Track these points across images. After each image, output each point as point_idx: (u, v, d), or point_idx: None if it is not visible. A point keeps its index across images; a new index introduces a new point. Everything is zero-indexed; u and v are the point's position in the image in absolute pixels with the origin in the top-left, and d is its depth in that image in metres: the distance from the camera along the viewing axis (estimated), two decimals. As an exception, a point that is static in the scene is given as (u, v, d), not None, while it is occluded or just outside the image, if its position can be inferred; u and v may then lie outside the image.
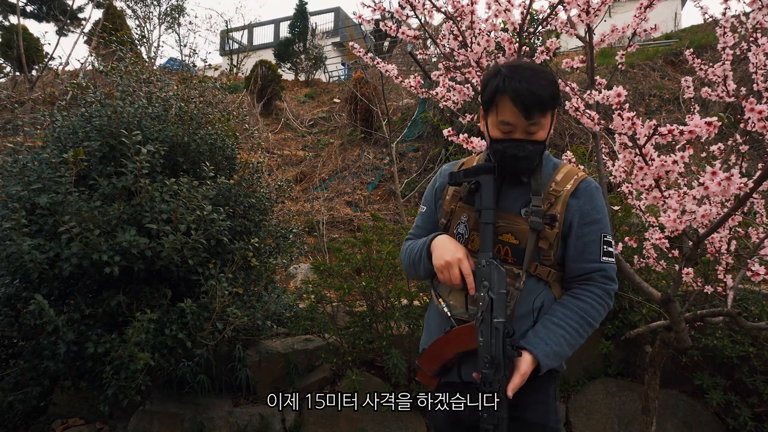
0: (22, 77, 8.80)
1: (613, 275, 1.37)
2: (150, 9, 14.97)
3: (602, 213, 1.37)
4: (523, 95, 1.24)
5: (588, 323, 1.32)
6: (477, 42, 2.06)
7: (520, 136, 1.31)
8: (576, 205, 1.35)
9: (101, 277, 2.64)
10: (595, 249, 1.34)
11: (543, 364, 1.28)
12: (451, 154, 7.00)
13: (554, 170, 1.39)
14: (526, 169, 1.35)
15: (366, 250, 3.40)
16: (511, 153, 1.32)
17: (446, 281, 1.36)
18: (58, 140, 2.91)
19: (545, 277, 1.36)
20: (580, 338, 1.32)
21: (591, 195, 1.36)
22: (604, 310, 1.35)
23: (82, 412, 3.38)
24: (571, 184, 1.36)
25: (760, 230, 2.56)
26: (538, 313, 1.36)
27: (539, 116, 1.28)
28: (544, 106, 1.27)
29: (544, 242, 1.33)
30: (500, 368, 1.23)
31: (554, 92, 1.30)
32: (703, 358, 3.17)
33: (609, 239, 1.37)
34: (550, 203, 1.35)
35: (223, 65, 17.34)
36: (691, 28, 10.91)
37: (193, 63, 9.13)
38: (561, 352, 1.30)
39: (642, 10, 1.93)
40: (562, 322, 1.31)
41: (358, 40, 14.45)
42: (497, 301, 1.26)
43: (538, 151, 1.33)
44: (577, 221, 1.35)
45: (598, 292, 1.34)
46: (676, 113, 7.29)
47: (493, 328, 1.25)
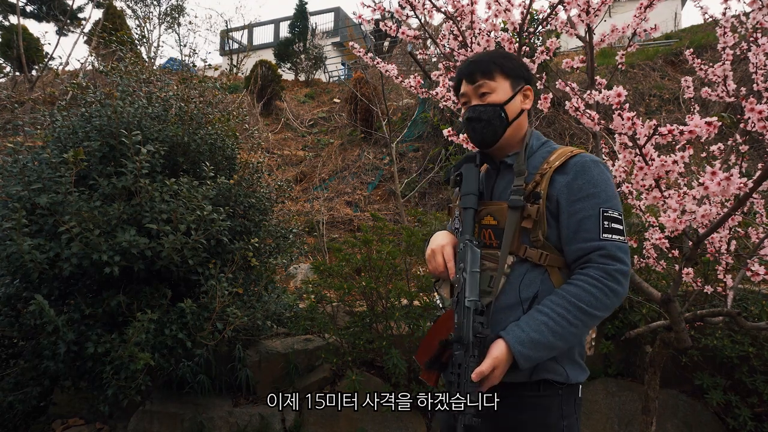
0: (22, 77, 8.80)
1: (618, 253, 1.19)
2: (150, 9, 14.97)
3: (600, 186, 1.24)
4: (466, 66, 1.38)
5: (580, 309, 1.15)
6: (477, 42, 2.06)
7: (473, 102, 1.37)
8: (563, 181, 1.25)
9: (101, 277, 2.65)
10: (591, 226, 1.21)
11: (515, 351, 1.14)
12: (451, 154, 7.00)
13: (549, 153, 1.33)
14: (489, 135, 1.35)
15: (366, 250, 3.40)
16: (466, 117, 1.37)
17: (433, 271, 1.36)
18: (58, 140, 2.91)
19: (539, 261, 1.24)
20: (571, 327, 1.15)
21: (584, 169, 1.25)
22: (605, 294, 1.16)
23: (82, 412, 3.38)
24: (560, 160, 1.28)
25: (760, 230, 2.56)
26: (530, 304, 1.23)
27: (483, 78, 1.34)
28: (486, 69, 1.34)
29: (527, 221, 1.25)
30: (469, 349, 1.16)
31: (500, 60, 1.36)
32: (703, 358, 3.17)
33: (612, 214, 1.22)
34: (536, 182, 1.28)
35: (223, 65, 17.34)
36: (691, 28, 10.92)
37: (193, 63, 9.13)
38: (541, 340, 1.14)
39: (642, 10, 1.93)
40: (545, 308, 1.18)
41: (358, 40, 14.45)
42: (469, 280, 1.22)
43: (493, 113, 1.33)
44: (565, 198, 1.24)
45: (594, 273, 1.18)
46: (676, 113, 7.29)
47: (464, 308, 1.20)
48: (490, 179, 1.41)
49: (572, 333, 1.16)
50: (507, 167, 1.37)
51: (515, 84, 1.36)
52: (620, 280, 1.18)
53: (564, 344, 1.17)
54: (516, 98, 1.36)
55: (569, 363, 1.26)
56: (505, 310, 1.24)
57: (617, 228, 1.22)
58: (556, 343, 1.16)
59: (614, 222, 1.22)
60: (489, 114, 1.33)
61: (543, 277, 1.24)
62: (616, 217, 1.22)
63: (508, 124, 1.35)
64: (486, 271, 1.27)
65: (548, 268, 1.25)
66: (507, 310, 1.24)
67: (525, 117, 1.39)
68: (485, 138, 1.36)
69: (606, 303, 1.17)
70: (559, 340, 1.16)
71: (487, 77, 1.34)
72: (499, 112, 1.34)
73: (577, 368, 1.28)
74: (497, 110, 1.33)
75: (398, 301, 3.34)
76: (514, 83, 1.36)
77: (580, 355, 1.30)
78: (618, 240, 1.21)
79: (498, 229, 1.29)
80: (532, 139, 1.38)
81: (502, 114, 1.34)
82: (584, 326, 1.18)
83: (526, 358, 1.15)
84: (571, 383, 1.25)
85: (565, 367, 1.25)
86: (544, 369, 1.23)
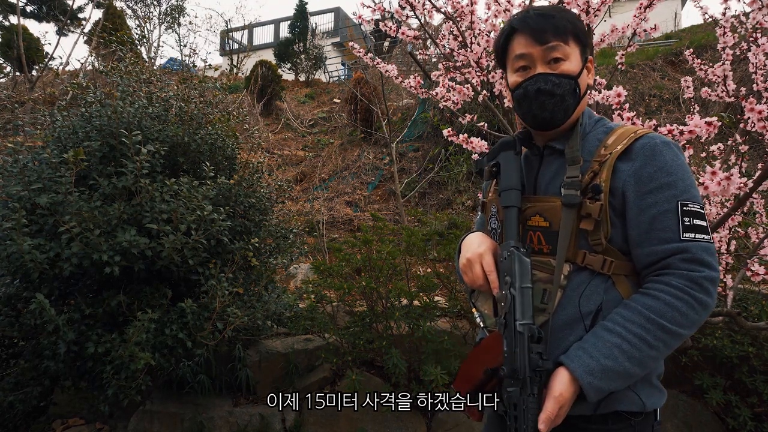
0: (22, 77, 8.80)
1: (705, 257, 0.97)
2: (150, 9, 14.99)
3: (676, 174, 1.00)
4: (531, 18, 1.09)
5: (662, 328, 0.94)
6: (477, 42, 2.06)
7: (541, 69, 1.08)
8: (629, 169, 1.02)
9: (101, 277, 2.65)
10: (669, 223, 0.98)
11: (584, 383, 0.93)
12: (451, 155, 7.00)
13: (606, 134, 1.10)
14: (559, 115, 1.09)
15: (366, 250, 3.40)
16: (533, 89, 1.08)
17: (470, 283, 1.13)
18: (58, 140, 2.91)
19: (601, 269, 1.02)
20: (651, 350, 0.94)
21: (654, 153, 1.02)
22: (692, 307, 0.94)
23: (82, 412, 3.38)
24: (622, 144, 1.04)
25: (760, 230, 2.56)
26: (594, 319, 1.01)
27: (557, 40, 1.07)
28: (560, 29, 1.07)
29: (587, 222, 1.02)
30: (526, 385, 0.93)
31: (574, 20, 1.10)
32: (703, 358, 3.17)
33: (694, 208, 0.99)
34: (594, 172, 1.04)
35: (223, 65, 17.35)
36: (691, 28, 10.92)
37: (193, 63, 9.14)
38: (615, 368, 0.93)
39: (642, 10, 1.93)
40: (618, 328, 0.96)
41: (358, 41, 14.45)
42: (520, 298, 0.99)
43: (568, 87, 1.07)
44: (633, 190, 1.01)
45: (677, 282, 0.95)
46: (676, 113, 7.29)
47: (516, 333, 0.97)
48: (531, 168, 1.17)
49: (652, 357, 0.95)
50: (553, 153, 1.13)
51: (584, 52, 1.12)
52: (710, 289, 0.96)
53: (642, 371, 0.96)
54: (584, 71, 1.12)
55: (646, 387, 1.04)
56: (564, 328, 1.03)
57: (700, 225, 0.99)
58: (633, 370, 0.95)
59: (696, 217, 0.99)
60: (564, 87, 1.07)
61: (607, 286, 1.03)
62: (698, 212, 1.00)
63: (579, 101, 1.11)
64: (537, 284, 1.04)
65: (613, 276, 1.03)
66: (566, 328, 1.03)
67: (588, 96, 1.18)
68: (554, 117, 1.09)
69: (694, 319, 0.95)
70: (636, 366, 0.94)
71: (561, 39, 1.07)
72: (575, 87, 1.08)
73: (655, 392, 1.06)
74: (572, 83, 1.08)
75: (398, 301, 3.34)
76: (584, 51, 1.12)
77: (659, 376, 1.09)
78: (703, 240, 0.98)
79: (550, 232, 1.06)
80: (583, 117, 1.14)
81: (576, 89, 1.09)
82: (666, 348, 0.96)
83: (597, 391, 0.94)
84: (647, 411, 1.03)
85: (640, 394, 1.02)
86: (616, 399, 1.01)
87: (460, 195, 6.82)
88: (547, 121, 1.10)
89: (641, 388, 1.03)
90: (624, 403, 1.01)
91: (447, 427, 3.17)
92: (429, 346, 3.11)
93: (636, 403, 1.01)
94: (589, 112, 1.17)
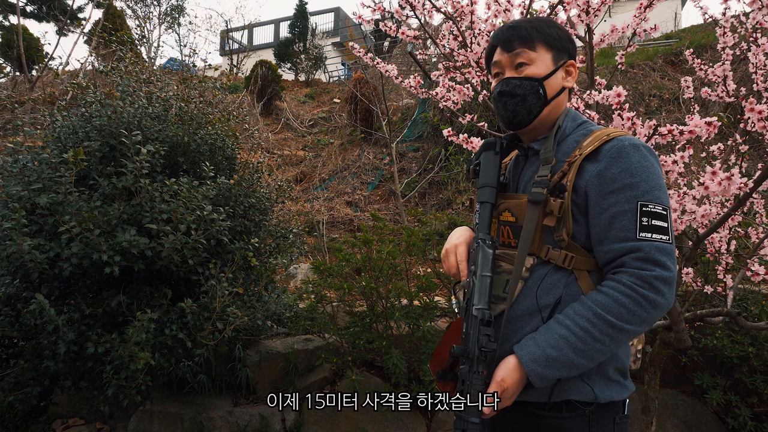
0: (22, 77, 8.80)
1: (657, 256, 1.00)
2: (150, 9, 15.00)
3: (640, 176, 1.04)
4: (502, 31, 1.20)
5: (608, 323, 0.99)
6: (477, 42, 2.06)
7: (508, 74, 1.19)
8: (593, 170, 1.07)
9: (101, 277, 2.65)
10: (626, 223, 1.02)
11: (528, 370, 1.01)
12: (450, 155, 7.00)
13: (585, 136, 1.14)
14: (522, 114, 1.17)
15: (366, 250, 3.40)
16: (497, 91, 1.19)
17: (447, 271, 1.24)
18: (58, 140, 2.91)
19: (562, 263, 1.08)
20: (596, 343, 0.99)
21: (620, 155, 1.05)
22: (639, 305, 0.98)
23: (82, 412, 3.38)
24: (592, 146, 1.09)
25: (760, 230, 2.56)
26: (551, 312, 1.07)
27: (522, 47, 1.16)
28: (526, 36, 1.16)
29: (550, 218, 1.08)
30: (473, 363, 1.03)
31: (543, 28, 1.18)
32: (703, 358, 3.17)
33: (654, 209, 1.03)
34: (563, 172, 1.10)
35: (223, 65, 17.35)
36: (691, 28, 10.91)
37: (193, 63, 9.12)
38: (559, 358, 1.00)
39: (642, 10, 1.93)
40: (568, 321, 1.02)
41: (358, 40, 14.45)
42: (478, 285, 1.09)
43: (530, 88, 1.16)
44: (596, 190, 1.06)
45: (626, 280, 1.00)
46: (676, 113, 7.29)
47: (471, 316, 1.07)
48: (518, 168, 1.24)
49: (598, 350, 1.00)
50: (535, 154, 1.20)
51: (558, 57, 1.18)
52: (659, 288, 0.99)
53: (588, 362, 1.01)
54: (557, 74, 1.18)
55: (600, 380, 1.08)
56: (522, 318, 1.10)
57: (659, 225, 1.02)
58: (578, 362, 1.00)
59: (655, 218, 1.02)
60: (525, 89, 1.16)
61: (568, 281, 1.08)
62: (658, 212, 1.03)
63: (545, 102, 1.17)
64: (502, 274, 1.13)
65: (575, 271, 1.08)
66: (523, 319, 1.09)
67: (565, 96, 1.22)
68: (517, 117, 1.18)
69: (641, 316, 0.99)
70: (581, 357, 1.00)
71: (526, 45, 1.16)
72: (537, 88, 1.16)
73: (612, 385, 1.09)
74: (535, 85, 1.16)
75: (398, 301, 3.34)
76: (557, 56, 1.18)
77: (618, 371, 1.12)
78: (659, 240, 1.01)
79: (516, 227, 1.14)
80: (566, 120, 1.19)
81: (540, 90, 1.16)
82: (613, 342, 1.00)
83: (540, 378, 1.01)
84: (601, 403, 1.07)
85: (593, 386, 1.07)
86: (568, 388, 1.07)
87: (460, 195, 6.82)
88: (511, 120, 1.19)
89: (595, 380, 1.08)
90: (575, 392, 1.07)
91: (447, 427, 3.17)
92: (429, 346, 3.11)
93: (587, 393, 1.06)
94: (574, 116, 1.21)
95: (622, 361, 1.12)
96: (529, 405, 1.09)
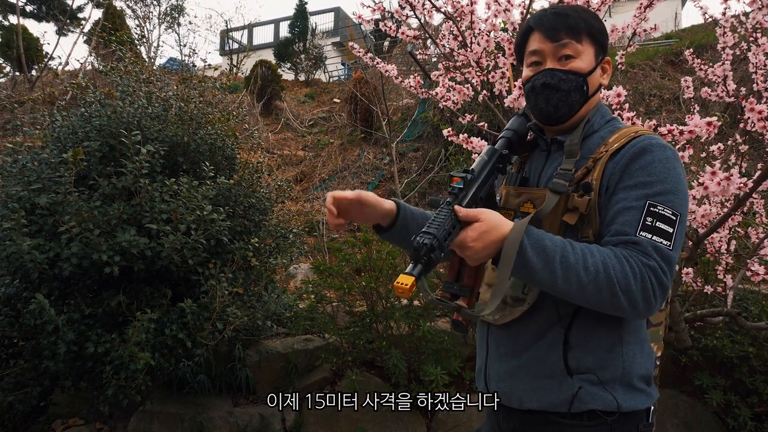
0: (22, 77, 8.80)
1: (653, 252, 0.94)
2: (150, 9, 14.98)
3: (657, 176, 0.98)
4: (546, 16, 1.11)
5: (604, 265, 0.92)
6: (477, 42, 2.06)
7: (551, 65, 1.11)
8: (617, 166, 1.02)
9: (101, 277, 2.65)
10: (629, 218, 0.96)
11: (514, 231, 0.93)
12: (450, 155, 7.00)
13: (611, 133, 1.10)
14: (563, 110, 1.10)
15: (366, 250, 3.40)
16: (539, 83, 1.10)
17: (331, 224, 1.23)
18: (58, 140, 2.91)
19: None
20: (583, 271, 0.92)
21: (643, 152, 1.00)
22: (634, 276, 0.91)
23: (82, 412, 3.38)
24: (619, 143, 1.05)
25: (760, 230, 2.56)
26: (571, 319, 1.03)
27: (569, 38, 1.09)
28: (573, 27, 1.09)
29: (571, 215, 1.01)
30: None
31: (590, 20, 1.11)
32: (703, 358, 3.17)
33: (662, 211, 0.96)
34: (587, 169, 1.05)
35: (223, 65, 17.34)
36: (691, 28, 10.92)
37: (193, 63, 9.14)
38: (548, 251, 0.92)
39: (642, 10, 1.93)
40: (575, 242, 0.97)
41: (358, 40, 14.44)
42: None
43: (575, 84, 1.09)
44: (614, 185, 1.02)
45: (627, 252, 0.94)
46: (676, 113, 7.29)
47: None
48: (539, 163, 1.19)
49: (577, 279, 0.92)
50: (559, 148, 1.14)
51: (599, 53, 1.13)
52: (650, 278, 0.92)
53: (563, 285, 0.93)
54: (597, 70, 1.13)
55: (622, 388, 1.02)
56: (539, 324, 1.05)
57: (663, 229, 0.95)
58: (557, 272, 0.92)
59: (662, 221, 0.95)
60: (570, 84, 1.09)
61: None
62: (666, 216, 0.96)
63: (586, 99, 1.12)
64: None
65: None
66: (541, 325, 1.05)
67: (599, 95, 1.18)
68: (558, 112, 1.11)
69: (629, 281, 0.91)
70: (565, 271, 0.92)
71: (574, 37, 1.09)
72: (582, 84, 1.10)
73: (636, 394, 1.03)
74: (579, 80, 1.09)
75: (398, 301, 3.34)
76: (598, 51, 1.13)
77: (643, 379, 1.06)
78: (659, 242, 0.94)
79: (536, 220, 1.04)
80: (596, 116, 1.14)
81: (584, 86, 1.10)
82: (595, 287, 0.92)
83: (512, 243, 0.92)
84: (624, 412, 1.01)
85: (615, 394, 1.01)
86: (588, 398, 1.01)
87: (460, 195, 6.82)
88: (551, 115, 1.12)
89: (617, 388, 1.02)
90: (598, 402, 1.01)
91: (447, 427, 3.17)
92: (429, 346, 3.11)
93: (610, 403, 1.01)
94: (604, 112, 1.17)
95: (647, 367, 1.07)
96: (550, 414, 1.04)
